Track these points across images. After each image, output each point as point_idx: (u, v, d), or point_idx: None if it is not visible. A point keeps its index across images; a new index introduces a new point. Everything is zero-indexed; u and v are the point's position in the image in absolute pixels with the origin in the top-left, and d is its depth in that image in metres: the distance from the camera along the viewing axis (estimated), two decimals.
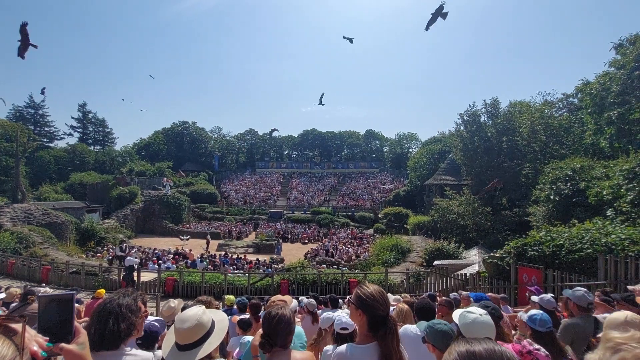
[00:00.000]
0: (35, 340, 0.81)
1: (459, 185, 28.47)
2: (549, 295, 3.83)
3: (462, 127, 27.47)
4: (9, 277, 14.69)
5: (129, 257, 13.78)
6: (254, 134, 67.33)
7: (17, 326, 0.73)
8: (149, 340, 2.53)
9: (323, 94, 11.75)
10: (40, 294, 1.14)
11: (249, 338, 3.23)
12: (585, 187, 14.93)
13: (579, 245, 9.24)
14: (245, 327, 3.93)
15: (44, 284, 12.15)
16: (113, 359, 1.63)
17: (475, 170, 25.44)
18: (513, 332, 3.77)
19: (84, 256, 19.22)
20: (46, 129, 47.57)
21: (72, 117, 51.33)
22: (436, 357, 2.25)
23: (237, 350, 3.38)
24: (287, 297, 3.75)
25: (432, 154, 39.51)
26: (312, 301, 4.73)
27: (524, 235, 11.19)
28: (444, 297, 5.62)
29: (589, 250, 8.86)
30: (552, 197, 15.85)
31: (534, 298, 3.84)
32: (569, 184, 15.63)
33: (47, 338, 0.87)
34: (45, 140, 46.10)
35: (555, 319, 3.49)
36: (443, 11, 8.86)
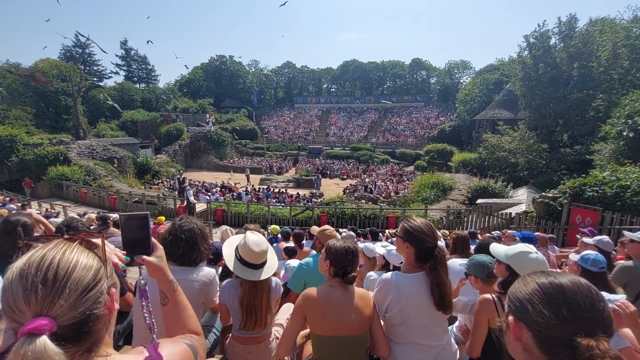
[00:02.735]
0: (115, 253, 0.91)
1: (514, 119, 26.06)
2: (606, 237, 3.55)
3: (525, 52, 24.09)
4: (84, 205, 16.81)
5: (189, 191, 15.29)
6: (292, 67, 65.06)
7: (97, 241, 0.80)
8: (216, 258, 2.97)
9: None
10: (120, 213, 1.28)
11: (293, 262, 3.51)
12: None
13: None
14: (290, 253, 4.34)
15: (113, 211, 13.83)
16: (189, 273, 1.95)
17: (536, 103, 22.78)
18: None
19: (143, 187, 21.22)
20: (94, 68, 49.18)
21: (117, 55, 52.44)
22: (479, 289, 2.22)
23: (283, 273, 3.69)
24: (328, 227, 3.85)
25: (487, 85, 35.83)
26: (352, 233, 4.86)
27: (583, 175, 10.31)
28: (487, 235, 5.48)
29: None
30: (625, 133, 13.99)
31: (587, 240, 3.57)
32: None
33: (126, 252, 0.98)
34: (95, 79, 48.22)
35: (610, 262, 3.28)
36: None
